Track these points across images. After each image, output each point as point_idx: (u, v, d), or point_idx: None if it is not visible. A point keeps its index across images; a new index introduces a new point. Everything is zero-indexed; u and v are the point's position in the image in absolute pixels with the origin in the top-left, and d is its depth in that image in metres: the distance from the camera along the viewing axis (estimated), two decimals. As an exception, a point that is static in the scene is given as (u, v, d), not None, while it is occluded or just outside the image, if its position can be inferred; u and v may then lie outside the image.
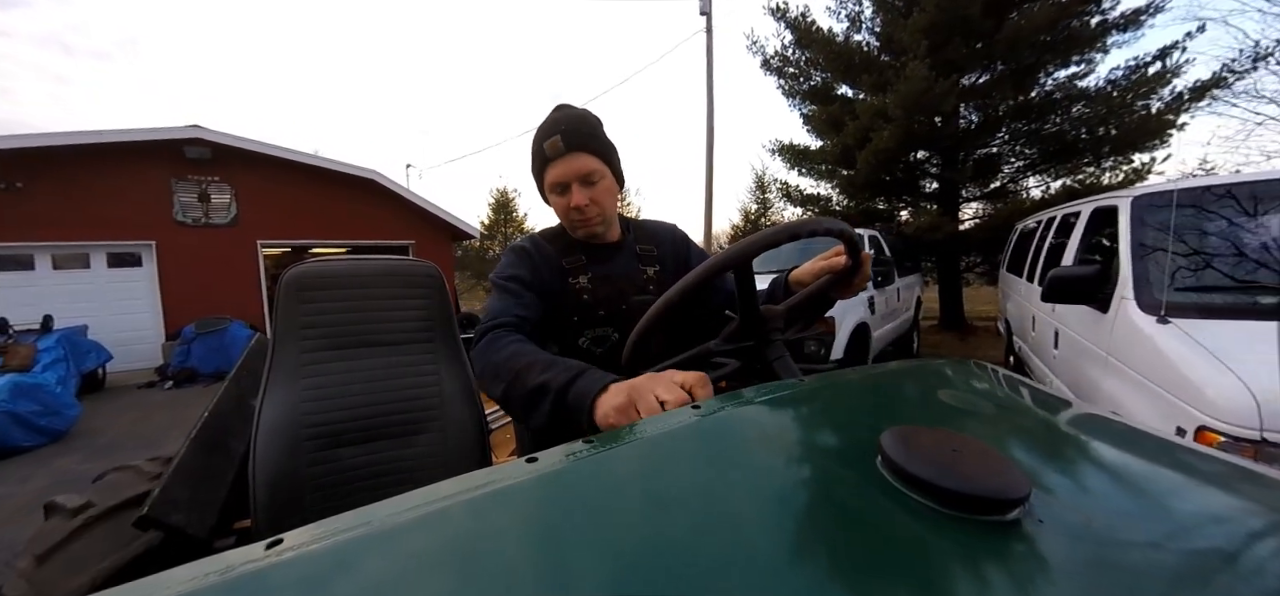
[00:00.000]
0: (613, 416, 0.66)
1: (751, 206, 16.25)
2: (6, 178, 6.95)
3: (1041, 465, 0.49)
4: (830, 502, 0.42)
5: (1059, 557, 0.36)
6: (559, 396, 0.75)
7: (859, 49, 8.97)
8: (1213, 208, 2.26)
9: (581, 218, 1.02)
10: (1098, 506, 0.43)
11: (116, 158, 7.51)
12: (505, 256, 1.07)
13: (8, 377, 4.20)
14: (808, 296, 0.92)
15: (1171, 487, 0.49)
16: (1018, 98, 7.47)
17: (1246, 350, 1.66)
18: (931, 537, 0.36)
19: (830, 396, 0.66)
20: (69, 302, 7.27)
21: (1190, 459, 0.55)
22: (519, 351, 0.86)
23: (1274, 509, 0.45)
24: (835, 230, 0.74)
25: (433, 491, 0.42)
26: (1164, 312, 1.97)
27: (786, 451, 0.50)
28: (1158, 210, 2.38)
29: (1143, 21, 7.33)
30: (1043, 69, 7.49)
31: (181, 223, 8.02)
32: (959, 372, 0.77)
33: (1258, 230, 2.11)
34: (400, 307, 1.12)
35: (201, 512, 0.95)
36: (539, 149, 1.01)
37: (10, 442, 4.02)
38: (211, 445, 1.05)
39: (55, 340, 5.70)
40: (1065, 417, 0.65)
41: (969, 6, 6.58)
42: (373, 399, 1.06)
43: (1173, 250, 2.18)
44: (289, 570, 0.34)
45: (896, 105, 6.67)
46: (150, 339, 7.85)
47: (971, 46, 6.96)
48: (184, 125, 7.83)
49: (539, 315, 0.99)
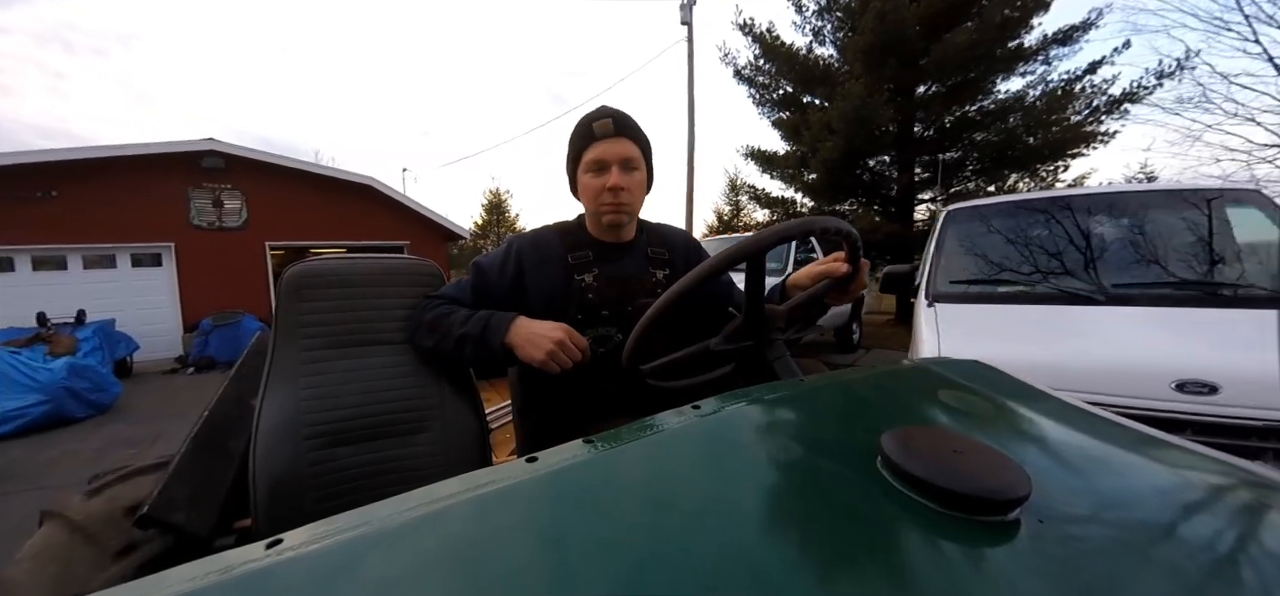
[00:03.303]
0: (526, 348, 0.93)
1: (724, 208, 16.99)
2: (43, 187, 7.77)
3: (1042, 465, 0.48)
4: (830, 502, 0.42)
5: (1059, 557, 0.36)
6: (477, 344, 0.96)
7: (818, 62, 9.73)
8: (994, 219, 2.98)
9: (613, 201, 1.02)
10: (1098, 506, 0.43)
11: (139, 168, 8.33)
12: (494, 251, 1.13)
13: (63, 360, 5.04)
14: (806, 300, 0.92)
15: (1171, 487, 0.49)
16: (955, 112, 8.23)
17: (970, 323, 2.36)
18: (932, 538, 0.37)
19: (830, 397, 0.66)
20: (98, 299, 8.08)
21: (1190, 459, 0.55)
22: (443, 313, 1.01)
23: (1272, 508, 0.45)
24: (841, 231, 0.75)
25: (433, 491, 0.42)
26: (933, 300, 2.69)
27: (787, 451, 0.50)
28: (964, 221, 3.12)
29: (1052, 52, 8.07)
30: (977, 87, 8.24)
31: (197, 226, 8.85)
32: (959, 372, 0.76)
33: (1020, 237, 2.84)
34: (400, 306, 1.12)
35: (202, 512, 0.95)
36: (586, 129, 1.02)
37: (68, 413, 4.86)
38: (211, 444, 1.06)
39: (92, 331, 6.55)
40: (1065, 417, 0.65)
41: (903, 30, 7.34)
42: (373, 398, 1.06)
43: (949, 252, 2.92)
44: (289, 569, 0.34)
45: (838, 119, 7.44)
46: (170, 331, 8.68)
47: (907, 66, 7.71)
48: (200, 138, 8.66)
49: (473, 306, 1.06)
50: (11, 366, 4.73)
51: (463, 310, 1.01)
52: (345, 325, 1.07)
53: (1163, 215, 2.58)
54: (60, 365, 4.92)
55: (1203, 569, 0.37)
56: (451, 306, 1.03)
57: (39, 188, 7.76)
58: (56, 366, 4.91)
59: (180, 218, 8.73)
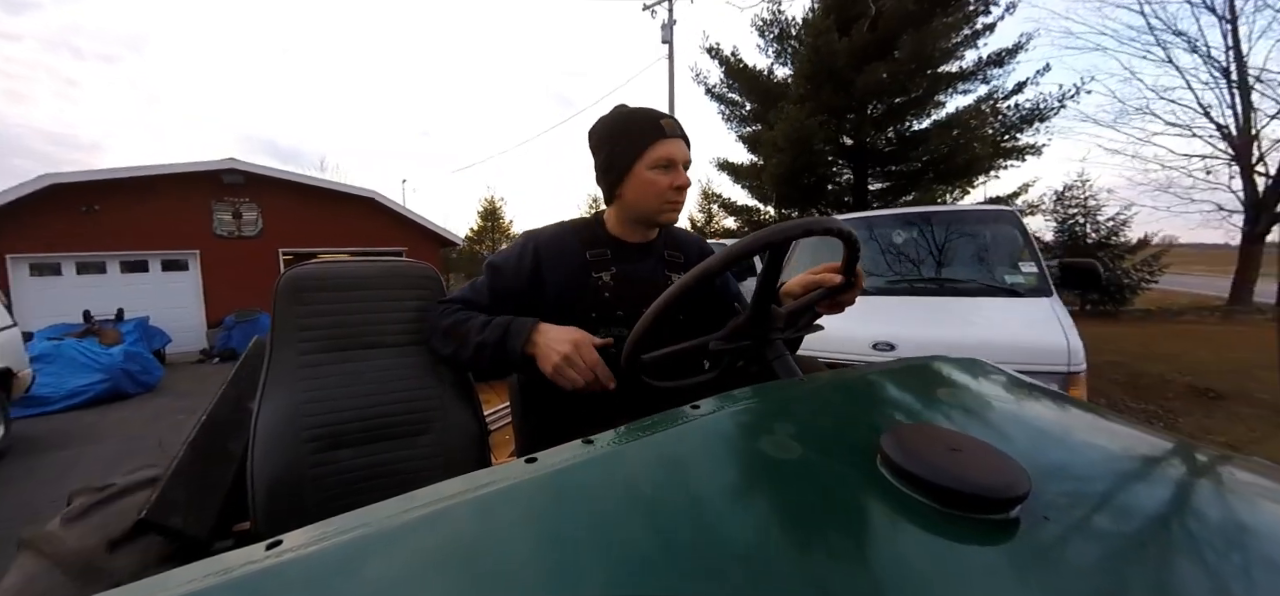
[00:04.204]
0: (545, 357, 0.90)
1: (697, 216, 18.05)
2: (87, 202, 8.92)
3: (1041, 463, 0.48)
4: (830, 502, 0.42)
5: (1059, 555, 0.36)
6: (496, 350, 0.93)
7: (776, 83, 10.75)
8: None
9: (677, 200, 1.02)
10: (1097, 504, 0.44)
11: (168, 185, 9.49)
12: (511, 245, 1.11)
13: (120, 347, 6.16)
14: (797, 309, 0.91)
15: (1171, 485, 0.50)
16: (890, 132, 9.26)
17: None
18: (932, 536, 0.37)
19: (830, 396, 0.66)
20: (133, 299, 9.20)
21: (1191, 456, 0.56)
22: (460, 318, 1.00)
23: (1272, 504, 0.46)
24: (841, 232, 0.74)
25: (433, 492, 0.43)
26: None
27: (786, 451, 0.50)
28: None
29: (988, 74, 9.08)
30: (905, 110, 9.26)
31: (219, 235, 10.01)
32: (959, 372, 0.76)
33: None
34: (398, 309, 1.12)
35: (200, 515, 0.95)
36: (653, 124, 1.00)
37: (123, 390, 5.99)
38: (210, 447, 1.06)
39: (133, 326, 7.67)
40: (1065, 416, 0.65)
41: (834, 61, 8.38)
42: (372, 400, 1.05)
43: (798, 259, 3.89)
44: (289, 571, 0.34)
45: (782, 138, 8.45)
46: (195, 328, 9.82)
47: (840, 92, 8.72)
48: (221, 159, 9.83)
49: (491, 308, 1.03)
50: (80, 352, 5.86)
51: (479, 316, 1.00)
52: (343, 328, 1.08)
53: (940, 229, 3.52)
54: (118, 351, 6.04)
55: (1202, 565, 0.37)
56: (469, 311, 1.02)
57: (83, 203, 8.92)
58: (115, 353, 6.04)
59: (204, 228, 9.89)
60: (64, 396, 5.52)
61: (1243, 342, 7.55)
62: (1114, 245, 11.62)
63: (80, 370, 5.73)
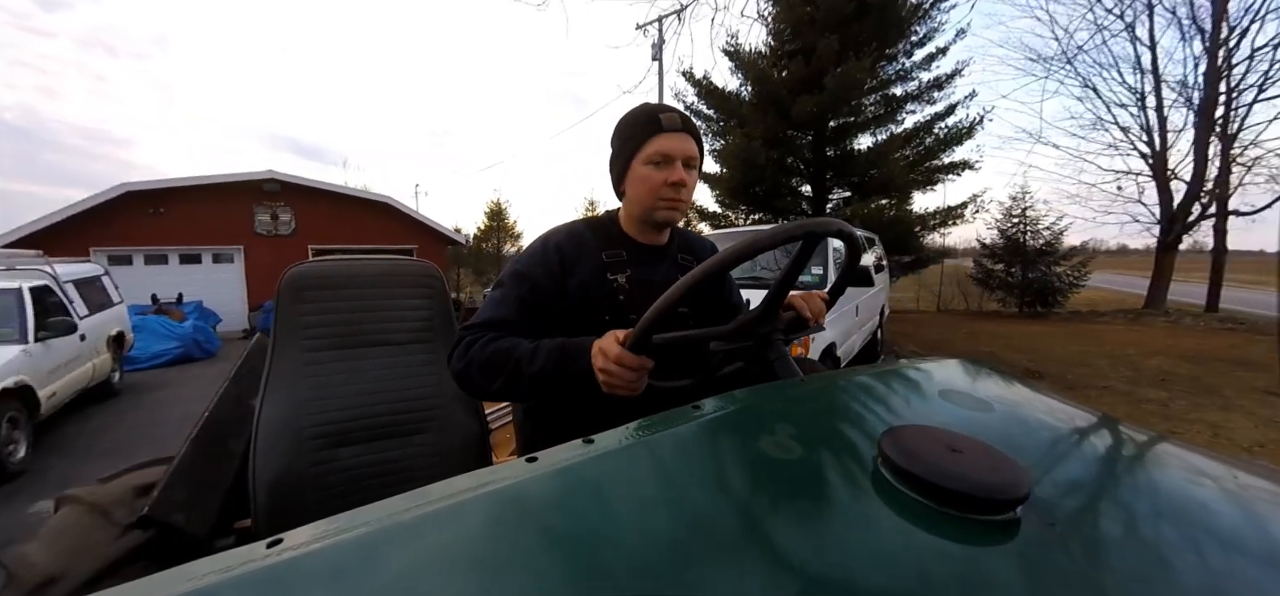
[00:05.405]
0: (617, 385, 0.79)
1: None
2: (154, 206, 10.82)
3: (1042, 464, 0.48)
4: (831, 502, 0.42)
5: (1059, 555, 0.36)
6: (558, 378, 0.83)
7: (741, 103, 12.14)
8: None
9: (673, 198, 0.99)
10: (1097, 505, 0.44)
11: (218, 192, 11.36)
12: (529, 250, 1.04)
13: (188, 323, 7.93)
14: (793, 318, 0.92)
15: (1171, 486, 0.50)
16: (826, 153, 10.61)
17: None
18: (932, 536, 0.37)
19: (830, 396, 0.66)
20: (189, 286, 11.07)
21: (1189, 458, 0.56)
22: (502, 348, 0.88)
23: (1271, 506, 0.46)
24: (842, 232, 0.75)
25: (433, 491, 0.43)
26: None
27: (787, 451, 0.50)
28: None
29: (932, 96, 10.38)
30: (844, 135, 10.58)
31: (259, 234, 11.86)
32: (959, 373, 0.76)
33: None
34: (400, 307, 1.10)
35: (201, 513, 0.95)
36: (651, 118, 0.98)
37: (192, 356, 7.82)
38: (211, 445, 1.05)
39: (193, 307, 9.50)
40: (1065, 418, 0.66)
41: (775, 91, 9.78)
42: (373, 398, 1.04)
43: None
44: (289, 569, 0.35)
45: (730, 156, 9.86)
46: (239, 310, 11.71)
47: (782, 118, 10.08)
48: (262, 171, 11.70)
49: (523, 322, 0.95)
50: (160, 324, 7.69)
51: (522, 343, 0.89)
52: (345, 326, 1.07)
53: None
54: (188, 325, 7.84)
55: (1202, 567, 0.37)
56: (510, 338, 0.91)
57: (150, 206, 10.82)
58: (185, 327, 7.82)
59: (247, 227, 11.76)
60: (150, 357, 7.32)
61: (1117, 339, 8.79)
62: (1051, 252, 12.76)
63: (161, 338, 7.53)
